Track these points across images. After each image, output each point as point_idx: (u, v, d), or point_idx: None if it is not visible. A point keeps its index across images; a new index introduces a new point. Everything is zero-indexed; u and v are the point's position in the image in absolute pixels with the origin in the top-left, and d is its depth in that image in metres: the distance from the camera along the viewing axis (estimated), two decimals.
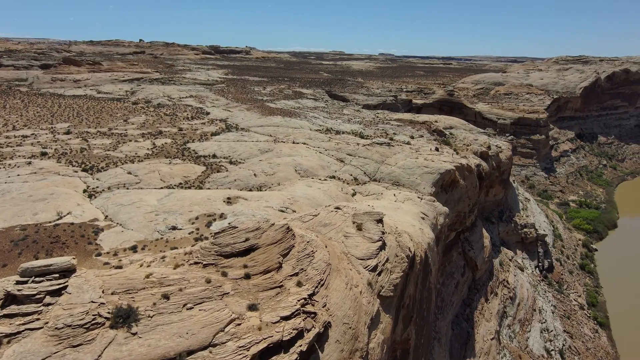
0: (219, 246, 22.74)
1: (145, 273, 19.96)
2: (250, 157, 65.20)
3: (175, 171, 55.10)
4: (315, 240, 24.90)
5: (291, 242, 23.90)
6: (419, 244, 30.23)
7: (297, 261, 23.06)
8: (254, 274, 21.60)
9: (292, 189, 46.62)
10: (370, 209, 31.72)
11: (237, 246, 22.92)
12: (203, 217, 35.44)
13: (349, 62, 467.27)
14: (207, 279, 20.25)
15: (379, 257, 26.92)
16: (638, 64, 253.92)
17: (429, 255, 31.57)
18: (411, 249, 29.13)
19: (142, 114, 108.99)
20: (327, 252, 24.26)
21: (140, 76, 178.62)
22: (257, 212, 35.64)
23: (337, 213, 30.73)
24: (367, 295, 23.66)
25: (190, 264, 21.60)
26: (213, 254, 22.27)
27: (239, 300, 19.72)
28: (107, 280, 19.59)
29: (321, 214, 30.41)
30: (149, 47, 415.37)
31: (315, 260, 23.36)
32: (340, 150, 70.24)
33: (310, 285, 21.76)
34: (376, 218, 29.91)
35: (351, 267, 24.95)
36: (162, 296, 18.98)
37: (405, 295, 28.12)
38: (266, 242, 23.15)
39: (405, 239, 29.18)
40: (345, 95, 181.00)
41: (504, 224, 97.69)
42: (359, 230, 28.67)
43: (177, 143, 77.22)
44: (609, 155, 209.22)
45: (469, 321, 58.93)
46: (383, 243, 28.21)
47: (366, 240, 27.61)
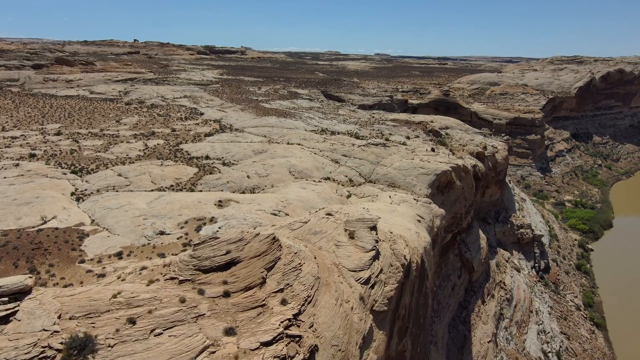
0: (198, 260, 20.94)
1: (113, 292, 17.90)
2: (243, 159, 64.18)
3: (167, 173, 53.99)
4: (303, 251, 23.34)
5: (277, 254, 22.22)
6: (415, 249, 29.25)
7: (283, 275, 21.39)
8: (234, 292, 19.81)
9: (286, 191, 45.67)
10: (364, 215, 29.99)
11: (217, 260, 21.17)
12: (193, 221, 34.40)
13: (345, 62, 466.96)
14: (181, 298, 18.43)
15: (372, 268, 25.41)
16: (632, 64, 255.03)
17: (425, 260, 30.70)
18: (407, 257, 27.96)
19: (135, 114, 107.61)
20: (316, 264, 22.78)
21: (134, 76, 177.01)
22: (248, 215, 34.68)
23: (329, 220, 29.23)
24: (358, 311, 22.10)
25: (166, 279, 19.81)
26: (191, 269, 20.49)
27: (216, 322, 17.89)
28: (67, 302, 17.34)
29: (311, 221, 28.88)
30: (144, 47, 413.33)
31: (302, 273, 21.76)
32: (335, 151, 69.35)
33: (296, 304, 20.00)
34: (369, 225, 28.42)
35: (342, 280, 23.42)
36: (127, 320, 16.86)
37: (400, 306, 26.92)
38: (249, 255, 21.46)
39: (400, 246, 28.33)
40: (340, 95, 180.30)
41: (500, 224, 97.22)
42: (351, 239, 27.19)
43: (170, 144, 76.04)
44: (603, 155, 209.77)
45: (465, 324, 58.24)
46: (377, 252, 26.76)
47: (358, 250, 26.12)
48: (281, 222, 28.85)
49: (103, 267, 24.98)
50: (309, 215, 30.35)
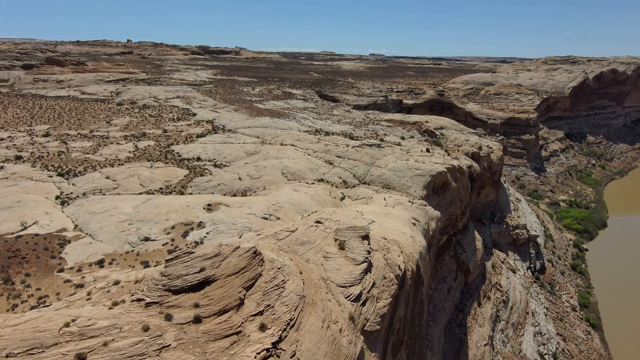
0: (168, 278, 18.61)
1: (66, 320, 15.53)
2: (236, 160, 62.96)
3: (156, 175, 52.68)
4: (287, 265, 21.31)
5: (258, 270, 20.10)
6: (410, 255, 28.13)
7: (264, 295, 19.22)
8: (207, 316, 17.36)
9: (278, 194, 44.54)
10: (355, 223, 28.24)
11: (190, 278, 18.84)
12: (180, 226, 33.19)
13: (340, 62, 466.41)
14: (144, 326, 15.96)
15: (364, 282, 23.53)
16: (625, 64, 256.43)
17: (421, 266, 29.68)
18: (401, 267, 26.38)
19: (127, 115, 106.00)
20: (302, 281, 20.71)
21: (126, 76, 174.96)
22: (238, 220, 33.53)
23: (318, 228, 27.40)
24: (348, 333, 19.95)
25: (132, 300, 17.60)
26: (160, 289, 18.17)
27: (182, 355, 15.41)
28: (7, 335, 14.74)
29: (299, 230, 26.81)
30: (137, 48, 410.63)
31: (286, 292, 19.66)
32: (329, 152, 68.32)
33: (277, 329, 17.66)
34: (361, 234, 26.59)
35: (330, 298, 21.37)
36: (76, 357, 14.22)
37: (395, 320, 25.39)
38: (226, 273, 19.18)
39: (394, 255, 26.90)
40: (335, 95, 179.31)
41: (495, 225, 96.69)
42: (342, 250, 25.35)
43: (161, 145, 74.66)
44: (597, 155, 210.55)
45: (461, 327, 57.42)
46: (369, 264, 24.96)
47: (349, 263, 24.23)
48: (268, 230, 27.00)
49: (82, 277, 23.72)
50: (298, 221, 28.70)
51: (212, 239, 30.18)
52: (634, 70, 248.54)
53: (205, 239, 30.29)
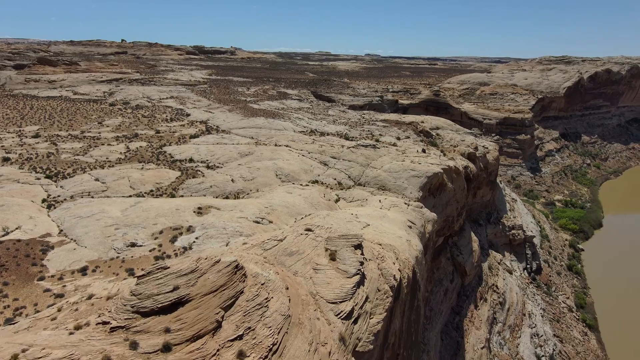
0: (138, 298, 16.62)
1: (15, 351, 13.46)
2: (229, 161, 61.92)
3: (147, 177, 51.55)
4: (272, 280, 19.61)
5: (239, 287, 18.25)
6: (406, 260, 27.19)
7: (244, 316, 17.30)
8: (178, 343, 15.27)
9: (271, 196, 43.57)
10: (348, 231, 27.17)
11: (161, 298, 16.75)
12: (168, 230, 32.15)
13: (335, 62, 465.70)
14: (105, 356, 14.02)
15: (356, 297, 21.87)
16: (619, 64, 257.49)
17: (417, 271, 28.82)
18: (396, 276, 24.91)
19: (119, 115, 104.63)
20: (288, 298, 19.08)
21: (120, 77, 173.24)
22: (229, 224, 32.53)
23: (307, 237, 25.70)
24: (338, 356, 18.27)
25: (97, 322, 15.72)
26: (128, 311, 16.17)
27: None
28: None
29: (288, 239, 25.14)
30: (132, 48, 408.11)
31: (269, 312, 17.87)
32: (324, 153, 67.43)
33: (258, 356, 15.80)
34: (354, 243, 24.87)
35: (319, 315, 19.72)
36: None
37: (390, 334, 23.98)
38: (202, 291, 17.27)
39: (389, 264, 25.48)
40: (331, 95, 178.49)
41: (491, 225, 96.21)
42: (332, 261, 23.73)
43: (153, 146, 73.47)
44: (592, 155, 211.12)
45: (458, 330, 56.71)
46: (361, 277, 23.36)
47: (340, 275, 22.61)
48: (256, 238, 26.17)
49: (63, 286, 22.65)
50: (287, 229, 27.65)
51: (201, 244, 29.17)
52: (628, 70, 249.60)
53: (195, 244, 29.27)
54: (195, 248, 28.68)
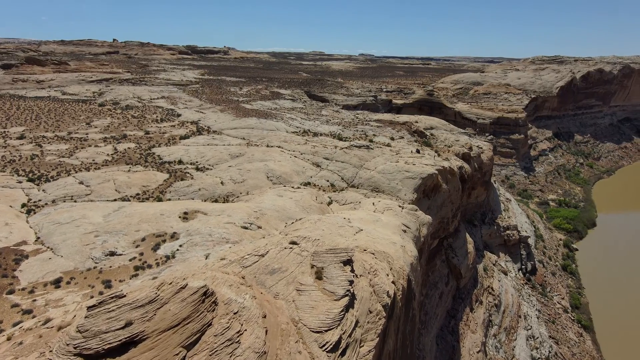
0: (83, 336, 13.89)
1: None
2: (219, 163, 60.40)
3: (134, 180, 49.92)
4: (248, 308, 16.99)
5: (207, 319, 15.59)
6: (400, 269, 25.77)
7: (211, 355, 14.47)
8: None
9: (261, 200, 42.16)
10: (337, 245, 24.85)
11: (110, 337, 13.97)
12: (151, 237, 30.64)
13: (329, 62, 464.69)
14: None
15: (344, 324, 19.35)
16: (611, 63, 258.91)
17: (412, 279, 27.59)
18: (390, 292, 22.90)
19: (108, 116, 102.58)
20: (264, 329, 16.43)
21: (110, 76, 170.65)
22: (215, 230, 31.10)
23: (292, 251, 23.38)
24: None
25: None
26: (70, 352, 13.52)
27: None
28: None
29: (270, 254, 22.75)
30: (123, 47, 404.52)
31: (240, 349, 15.06)
32: (317, 154, 66.12)
33: None
34: (343, 258, 22.37)
35: (301, 348, 16.96)
36: None
37: (383, 356, 21.88)
38: (160, 327, 14.43)
39: (382, 278, 23.44)
40: (324, 95, 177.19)
41: (486, 226, 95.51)
42: (319, 280, 21.25)
43: (142, 148, 71.73)
44: (585, 154, 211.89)
45: (454, 334, 55.69)
46: (351, 298, 20.97)
47: (327, 297, 20.11)
48: (236, 252, 23.48)
49: (33, 300, 21.10)
50: (271, 241, 25.13)
51: (185, 252, 27.70)
52: (620, 70, 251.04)
53: (178, 253, 27.78)
54: (178, 256, 27.20)
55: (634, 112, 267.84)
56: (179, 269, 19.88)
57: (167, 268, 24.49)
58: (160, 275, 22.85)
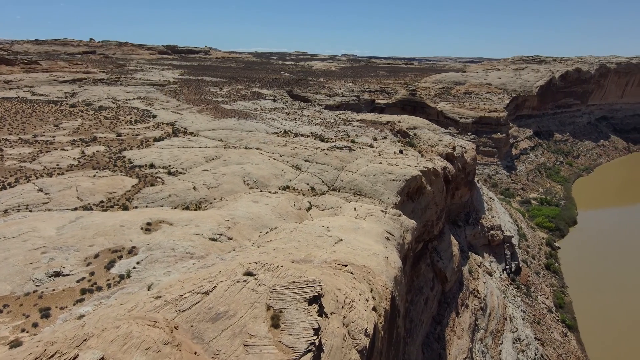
0: None
1: None
2: (193, 166, 57.26)
3: (99, 186, 46.44)
4: None
5: None
6: (383, 288, 23.06)
7: None
8: None
9: (234, 206, 39.36)
10: (301, 276, 19.83)
11: None
12: (106, 253, 27.53)
13: (312, 62, 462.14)
14: None
15: None
16: (588, 63, 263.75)
17: (396, 294, 25.27)
18: (369, 330, 18.82)
19: (79, 117, 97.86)
20: None
21: (84, 77, 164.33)
22: (179, 243, 28.20)
23: (245, 286, 18.41)
24: None
25: None
26: None
27: None
28: None
29: (217, 290, 17.91)
30: (101, 47, 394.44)
31: None
32: (297, 156, 63.57)
33: None
34: (308, 296, 17.50)
35: None
36: None
37: None
38: None
39: (360, 311, 19.30)
40: (306, 95, 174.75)
41: (470, 227, 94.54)
42: (275, 328, 16.49)
43: (112, 151, 67.88)
44: (564, 152, 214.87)
45: (440, 341, 53.95)
46: (316, 352, 16.16)
47: (283, 356, 15.27)
48: (177, 286, 18.90)
49: None
50: (222, 271, 19.78)
51: (142, 270, 24.74)
52: (597, 69, 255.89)
53: (134, 271, 24.77)
54: (134, 276, 24.21)
55: (610, 110, 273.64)
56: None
57: (119, 290, 21.61)
58: (109, 300, 19.92)
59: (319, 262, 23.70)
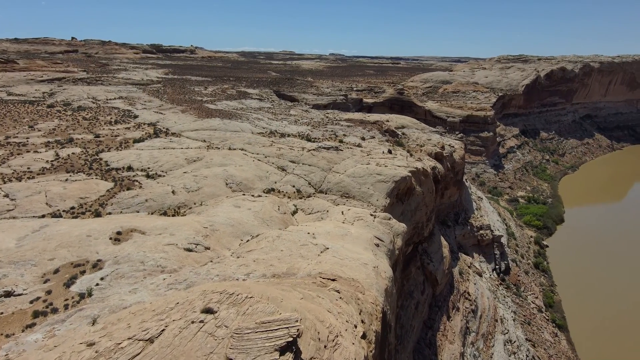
0: None
1: None
2: (173, 169, 54.67)
3: (71, 191, 43.63)
4: None
5: None
6: (373, 305, 20.77)
7: None
8: None
9: (214, 212, 37.06)
10: (273, 314, 15.58)
11: None
12: (67, 268, 24.97)
13: (299, 61, 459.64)
14: None
15: None
16: (572, 62, 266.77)
17: (387, 309, 23.27)
18: None
19: (56, 118, 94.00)
20: None
21: (63, 76, 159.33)
22: (150, 255, 25.75)
23: (202, 329, 14.28)
24: None
25: None
26: None
27: None
28: None
29: (165, 335, 13.85)
30: (83, 46, 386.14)
31: None
32: (283, 157, 61.39)
33: None
34: (280, 342, 13.44)
35: None
36: None
37: None
38: None
39: (347, 350, 15.98)
40: (294, 94, 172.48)
41: (460, 227, 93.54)
42: None
43: (88, 153, 64.74)
44: (550, 150, 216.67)
45: (431, 347, 52.43)
46: None
47: None
48: (121, 325, 15.27)
49: None
50: (175, 306, 15.83)
51: (106, 287, 22.30)
52: (581, 68, 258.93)
53: (97, 289, 22.27)
54: (96, 294, 21.72)
55: (594, 109, 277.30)
56: None
57: (77, 312, 19.17)
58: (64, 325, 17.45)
59: (302, 275, 21.71)
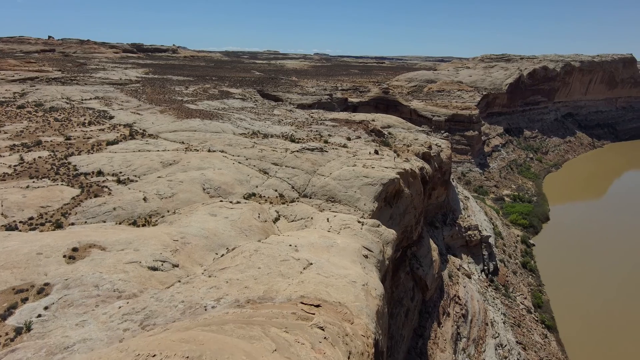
0: None
1: None
2: (147, 173, 51.15)
3: (31, 199, 39.86)
4: None
5: None
6: (363, 338, 17.61)
7: None
8: None
9: (188, 221, 33.92)
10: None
11: None
12: (7, 295, 21.46)
13: (284, 61, 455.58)
14: None
15: None
16: (554, 61, 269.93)
17: (379, 336, 20.56)
18: None
19: (25, 119, 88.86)
20: None
21: (36, 75, 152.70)
22: (107, 277, 22.50)
23: None
24: None
25: None
26: None
27: None
28: None
29: None
30: (60, 45, 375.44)
31: None
32: (265, 159, 58.38)
33: None
34: None
35: None
36: None
37: None
38: None
39: None
40: (278, 94, 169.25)
41: (448, 227, 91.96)
42: None
43: (56, 157, 60.54)
44: (534, 149, 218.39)
45: (422, 356, 50.26)
46: None
47: None
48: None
49: None
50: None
51: (49, 319, 18.99)
52: (562, 67, 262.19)
53: (37, 322, 18.84)
54: (35, 328, 18.35)
55: (575, 107, 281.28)
56: None
57: (7, 355, 16.06)
58: None
59: (282, 299, 18.93)
